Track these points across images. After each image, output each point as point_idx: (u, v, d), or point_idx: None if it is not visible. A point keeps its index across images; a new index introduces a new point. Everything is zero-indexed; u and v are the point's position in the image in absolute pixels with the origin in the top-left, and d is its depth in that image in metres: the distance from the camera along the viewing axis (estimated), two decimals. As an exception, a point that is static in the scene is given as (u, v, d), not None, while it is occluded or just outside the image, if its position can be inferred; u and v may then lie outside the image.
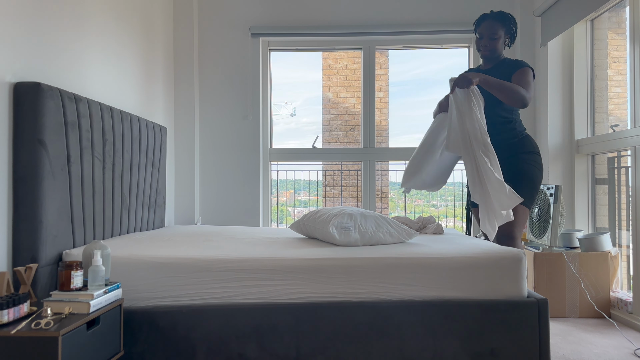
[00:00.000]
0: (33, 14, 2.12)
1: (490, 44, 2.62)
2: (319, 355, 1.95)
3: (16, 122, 1.97)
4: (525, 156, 2.53)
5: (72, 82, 2.42)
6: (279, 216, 4.66)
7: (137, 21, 3.19)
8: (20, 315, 1.58)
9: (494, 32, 2.61)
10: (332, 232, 2.27)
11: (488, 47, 2.63)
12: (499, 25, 2.61)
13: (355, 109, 6.39)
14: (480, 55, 2.70)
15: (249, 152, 3.95)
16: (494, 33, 2.60)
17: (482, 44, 2.64)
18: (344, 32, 3.93)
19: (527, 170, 2.52)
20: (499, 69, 2.62)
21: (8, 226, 1.95)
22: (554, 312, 3.10)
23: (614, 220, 3.38)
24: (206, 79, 3.95)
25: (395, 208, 5.50)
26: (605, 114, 3.56)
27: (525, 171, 2.51)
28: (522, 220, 2.51)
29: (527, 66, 2.57)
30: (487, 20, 2.63)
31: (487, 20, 2.62)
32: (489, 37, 2.61)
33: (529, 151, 2.55)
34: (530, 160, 2.53)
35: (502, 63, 2.65)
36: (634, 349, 2.51)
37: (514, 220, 2.43)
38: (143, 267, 2.00)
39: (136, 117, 2.88)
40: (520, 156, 2.53)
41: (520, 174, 2.50)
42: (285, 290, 1.99)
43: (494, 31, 2.60)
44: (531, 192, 2.51)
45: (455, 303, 1.99)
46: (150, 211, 3.12)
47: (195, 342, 1.94)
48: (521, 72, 2.54)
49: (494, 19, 2.62)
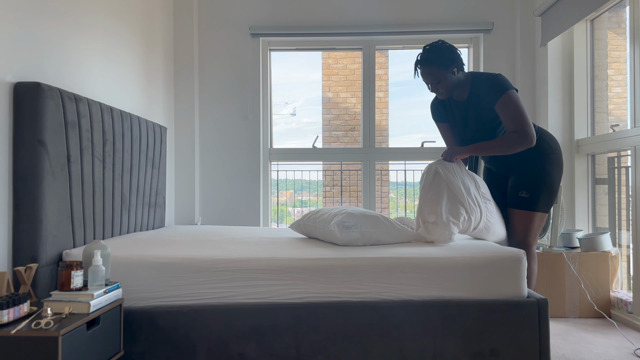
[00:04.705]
0: (33, 14, 2.12)
1: (441, 87, 2.40)
2: (319, 355, 1.95)
3: (16, 122, 1.97)
4: (541, 159, 2.42)
5: (72, 82, 2.42)
6: (279, 216, 4.66)
7: (137, 21, 3.19)
8: (20, 315, 1.58)
9: (432, 78, 2.38)
10: (334, 229, 2.26)
11: (441, 93, 2.43)
12: (435, 68, 2.36)
13: (355, 109, 6.39)
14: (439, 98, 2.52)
15: (249, 152, 3.95)
16: (434, 78, 2.38)
17: (432, 90, 2.46)
18: (344, 32, 3.93)
19: (543, 175, 2.42)
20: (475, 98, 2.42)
21: (8, 226, 1.95)
22: (554, 312, 3.10)
23: (614, 220, 3.38)
24: (206, 79, 3.95)
25: (395, 208, 5.50)
26: (605, 114, 3.55)
27: (542, 177, 2.41)
28: (539, 227, 2.46)
29: (506, 89, 2.32)
30: (421, 68, 2.41)
31: (422, 68, 2.40)
32: (433, 83, 2.41)
33: (544, 153, 2.42)
34: (544, 163, 2.42)
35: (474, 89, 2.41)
36: (634, 349, 2.51)
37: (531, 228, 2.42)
38: (143, 267, 2.00)
39: (136, 117, 2.88)
40: (534, 160, 2.43)
41: (537, 180, 2.41)
42: (285, 290, 1.99)
43: (432, 77, 2.38)
44: (548, 197, 2.44)
45: (455, 303, 1.99)
46: (150, 211, 3.11)
47: (195, 342, 1.94)
48: (503, 102, 2.31)
49: (425, 64, 2.38)
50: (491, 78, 2.39)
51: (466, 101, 2.46)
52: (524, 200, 2.43)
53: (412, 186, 4.63)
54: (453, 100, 2.52)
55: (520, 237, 2.45)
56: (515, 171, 2.50)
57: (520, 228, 2.45)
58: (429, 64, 2.37)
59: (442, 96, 2.45)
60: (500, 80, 2.36)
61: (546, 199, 2.44)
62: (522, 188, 2.44)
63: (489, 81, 2.38)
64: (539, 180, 2.42)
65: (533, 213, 2.43)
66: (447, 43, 2.41)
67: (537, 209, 2.42)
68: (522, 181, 2.45)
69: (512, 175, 2.53)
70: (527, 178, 2.44)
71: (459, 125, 2.55)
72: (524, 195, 2.43)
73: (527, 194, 2.43)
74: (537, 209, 2.42)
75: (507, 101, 2.31)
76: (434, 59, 2.36)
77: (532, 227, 2.43)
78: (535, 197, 2.41)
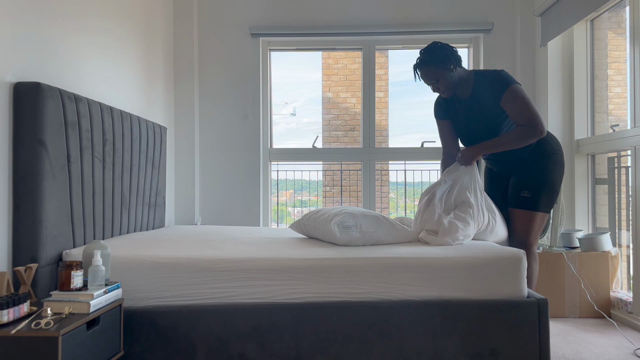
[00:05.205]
0: (33, 14, 2.12)
1: (441, 86, 2.42)
2: (319, 355, 1.95)
3: (16, 122, 1.97)
4: (544, 159, 2.43)
5: (72, 82, 2.42)
6: (279, 216, 4.66)
7: (137, 21, 3.19)
8: (20, 315, 1.58)
9: (431, 77, 2.41)
10: (334, 229, 2.26)
11: (443, 91, 2.45)
12: (433, 68, 2.39)
13: (355, 109, 6.39)
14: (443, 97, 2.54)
15: (249, 152, 3.95)
16: (432, 78, 2.41)
17: (434, 90, 2.48)
18: (344, 32, 3.93)
19: (545, 175, 2.43)
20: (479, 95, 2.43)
21: (8, 226, 1.95)
22: (554, 312, 3.10)
23: (614, 220, 3.38)
24: (206, 79, 3.95)
25: (395, 208, 5.49)
26: (605, 114, 3.56)
27: (544, 177, 2.42)
28: (540, 227, 2.46)
29: (510, 83, 2.34)
30: (420, 70, 2.43)
31: (420, 70, 2.43)
32: (432, 83, 2.43)
33: (546, 153, 2.43)
34: (546, 163, 2.43)
35: (478, 86, 2.43)
36: (634, 349, 2.51)
37: (532, 228, 2.42)
38: (143, 267, 2.00)
39: (136, 117, 2.88)
40: (537, 161, 2.44)
41: (539, 180, 2.42)
42: (285, 290, 1.99)
43: (430, 76, 2.41)
44: (550, 197, 2.45)
45: (455, 303, 1.99)
46: (150, 211, 3.11)
47: (195, 342, 1.94)
48: (507, 98, 2.32)
49: (423, 64, 2.41)
50: (494, 74, 2.41)
51: (469, 98, 2.47)
52: (526, 200, 2.43)
53: (412, 186, 4.63)
54: (456, 98, 2.53)
55: (521, 237, 2.45)
56: (517, 171, 2.50)
57: (521, 228, 2.45)
58: (425, 64, 2.40)
59: (445, 94, 2.46)
60: (504, 76, 2.38)
61: (547, 199, 2.44)
62: (524, 188, 2.44)
63: (493, 77, 2.40)
64: (541, 180, 2.43)
65: (534, 213, 2.43)
66: (442, 43, 2.44)
67: (539, 209, 2.43)
68: (524, 181, 2.45)
69: (513, 175, 2.53)
70: (529, 178, 2.44)
71: (462, 122, 2.56)
72: (525, 195, 2.43)
73: (529, 194, 2.43)
74: (538, 209, 2.43)
75: (512, 95, 2.32)
76: (428, 59, 2.40)
77: (533, 227, 2.43)
78: (537, 197, 2.42)
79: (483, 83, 2.42)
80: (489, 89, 2.39)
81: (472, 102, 2.47)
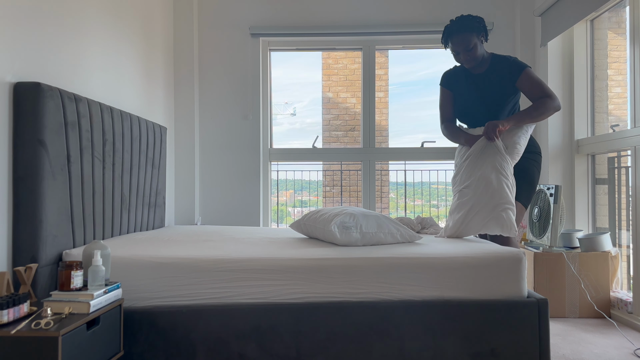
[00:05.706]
0: (33, 14, 2.12)
1: (470, 55, 2.51)
2: (319, 355, 1.95)
3: (16, 122, 1.97)
4: (528, 155, 2.57)
5: (72, 82, 2.42)
6: (279, 216, 4.66)
7: (137, 21, 3.19)
8: (20, 315, 1.58)
9: (467, 44, 2.48)
10: (334, 230, 2.26)
11: (470, 60, 2.53)
12: (468, 35, 2.48)
13: (355, 109, 6.38)
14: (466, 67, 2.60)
15: (249, 152, 3.95)
16: (468, 45, 2.48)
17: (462, 58, 2.54)
18: (344, 32, 3.93)
19: (528, 169, 2.57)
20: (494, 73, 2.56)
21: (8, 226, 1.95)
22: (554, 312, 3.10)
23: (614, 220, 3.38)
24: (206, 79, 3.95)
25: (395, 208, 5.49)
26: (605, 114, 3.55)
27: (527, 169, 2.56)
28: (519, 219, 2.53)
29: (524, 66, 2.52)
30: (454, 36, 2.50)
31: (455, 36, 2.50)
32: (465, 50, 2.50)
33: (531, 151, 2.59)
34: (531, 160, 2.59)
35: (495, 64, 2.57)
36: (634, 349, 2.51)
37: None
38: (143, 267, 2.00)
39: (136, 117, 2.88)
40: (524, 156, 2.55)
41: (522, 172, 2.54)
42: (285, 290, 1.99)
43: (467, 43, 2.48)
44: (529, 191, 2.57)
45: (455, 303, 1.99)
46: (150, 211, 3.11)
47: (195, 342, 1.94)
48: (525, 77, 2.49)
49: (459, 31, 2.49)
50: (510, 58, 2.58)
51: (484, 74, 2.58)
52: None
53: (412, 186, 4.63)
54: (469, 72, 2.63)
55: None
56: None
57: None
58: (466, 29, 2.49)
59: (469, 64, 2.55)
60: (519, 60, 2.57)
61: (527, 193, 2.56)
62: None
63: (509, 60, 2.56)
64: (523, 172, 2.54)
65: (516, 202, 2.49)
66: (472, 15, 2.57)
67: (519, 199, 2.52)
68: None
69: None
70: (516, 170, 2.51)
71: (465, 96, 2.63)
72: None
73: None
74: (519, 199, 2.52)
75: (529, 76, 2.51)
76: (473, 26, 2.50)
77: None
78: (519, 187, 2.50)
79: (501, 63, 2.56)
80: (506, 69, 2.53)
81: (485, 78, 2.58)
